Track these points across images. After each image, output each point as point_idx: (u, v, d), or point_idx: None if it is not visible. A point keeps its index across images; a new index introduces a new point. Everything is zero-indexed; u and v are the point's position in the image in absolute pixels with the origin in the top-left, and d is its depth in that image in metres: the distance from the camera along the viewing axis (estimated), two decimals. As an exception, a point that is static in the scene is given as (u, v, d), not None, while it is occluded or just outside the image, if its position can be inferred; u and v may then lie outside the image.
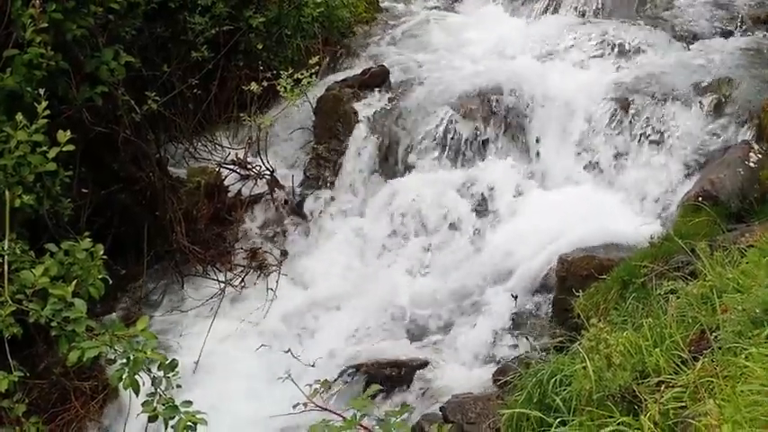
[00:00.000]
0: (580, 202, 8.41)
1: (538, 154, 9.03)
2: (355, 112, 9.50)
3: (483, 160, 9.01)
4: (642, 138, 8.56)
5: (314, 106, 9.74)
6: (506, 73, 9.52)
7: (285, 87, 9.02)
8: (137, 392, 4.60)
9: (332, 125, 9.61)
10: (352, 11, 11.11)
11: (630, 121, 8.64)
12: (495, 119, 9.11)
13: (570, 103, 9.03)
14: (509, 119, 9.11)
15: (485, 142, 9.08)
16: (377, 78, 9.76)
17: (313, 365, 6.65)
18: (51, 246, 5.23)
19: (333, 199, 9.38)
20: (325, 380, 5.34)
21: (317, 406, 4.69)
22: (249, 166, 9.55)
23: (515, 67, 9.72)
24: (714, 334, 4.24)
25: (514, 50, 10.12)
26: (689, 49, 9.51)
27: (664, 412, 3.80)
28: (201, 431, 4.55)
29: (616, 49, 9.63)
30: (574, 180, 8.75)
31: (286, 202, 9.38)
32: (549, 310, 7.64)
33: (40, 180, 6.16)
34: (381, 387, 7.21)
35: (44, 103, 5.58)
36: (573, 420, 4.42)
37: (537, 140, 9.05)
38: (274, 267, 8.89)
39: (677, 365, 4.21)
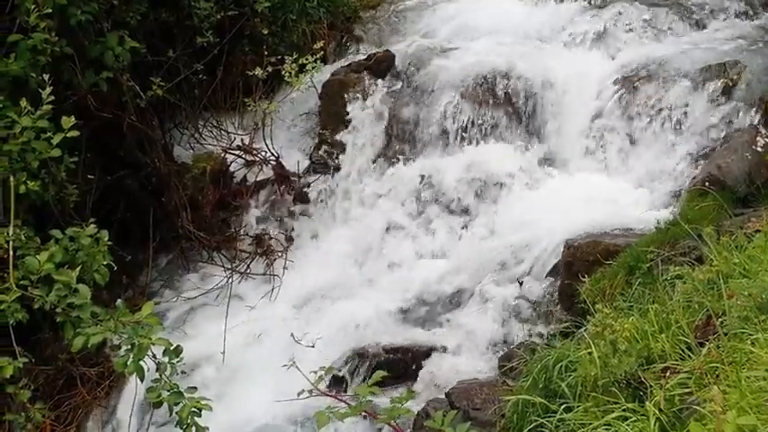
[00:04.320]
0: (587, 187, 8.38)
1: (545, 138, 8.98)
2: (361, 98, 9.47)
3: (489, 145, 8.98)
4: (650, 122, 8.51)
5: (319, 91, 9.72)
6: (514, 57, 9.46)
7: (290, 72, 9.00)
8: (141, 378, 4.60)
9: (337, 110, 9.57)
10: (357, -5, 11.06)
11: (638, 105, 8.59)
12: (502, 103, 9.07)
13: (578, 88, 8.98)
14: (516, 103, 9.06)
15: (491, 126, 9.04)
16: (382, 63, 9.70)
17: (314, 346, 6.66)
18: (56, 232, 5.23)
19: (338, 184, 9.36)
20: (330, 366, 5.34)
21: (323, 393, 4.68)
22: (254, 152, 9.53)
23: (523, 51, 9.66)
24: (720, 319, 4.23)
25: (523, 35, 10.05)
26: (697, 33, 9.44)
27: (669, 398, 3.80)
28: (208, 417, 4.55)
29: (625, 33, 9.56)
30: (581, 165, 8.71)
31: (292, 187, 9.37)
32: (556, 296, 7.61)
33: (45, 166, 6.17)
34: (387, 374, 7.23)
35: (48, 89, 5.56)
36: (578, 406, 4.41)
37: (544, 125, 9.00)
38: (280, 253, 8.89)
39: (683, 351, 4.20)
